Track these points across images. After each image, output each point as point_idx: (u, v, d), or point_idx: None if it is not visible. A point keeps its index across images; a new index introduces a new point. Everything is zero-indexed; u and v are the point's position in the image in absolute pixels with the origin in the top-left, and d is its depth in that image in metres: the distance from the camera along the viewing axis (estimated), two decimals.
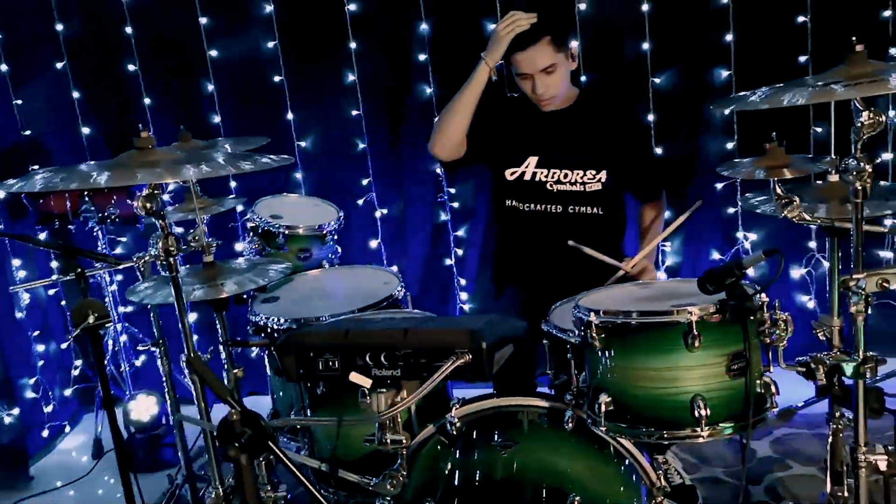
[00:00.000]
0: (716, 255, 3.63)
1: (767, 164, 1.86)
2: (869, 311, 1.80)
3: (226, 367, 2.32)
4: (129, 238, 3.83)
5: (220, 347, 2.31)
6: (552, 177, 2.69)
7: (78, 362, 3.90)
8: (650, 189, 2.84)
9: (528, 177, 2.70)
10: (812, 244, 3.53)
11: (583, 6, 3.41)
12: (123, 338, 3.73)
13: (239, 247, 3.69)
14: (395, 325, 1.69)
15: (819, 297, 3.55)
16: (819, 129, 3.38)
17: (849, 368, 1.76)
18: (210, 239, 2.25)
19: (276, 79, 3.62)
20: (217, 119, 3.69)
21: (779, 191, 1.85)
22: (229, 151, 2.91)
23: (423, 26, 3.51)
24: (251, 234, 3.07)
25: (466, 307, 3.81)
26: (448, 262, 3.78)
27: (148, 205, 1.79)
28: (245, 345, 2.24)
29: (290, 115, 3.66)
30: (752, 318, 1.62)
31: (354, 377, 1.66)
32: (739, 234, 3.58)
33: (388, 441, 1.64)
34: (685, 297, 1.80)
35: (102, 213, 3.42)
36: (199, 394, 1.96)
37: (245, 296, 2.69)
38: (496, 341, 1.64)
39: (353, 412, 1.77)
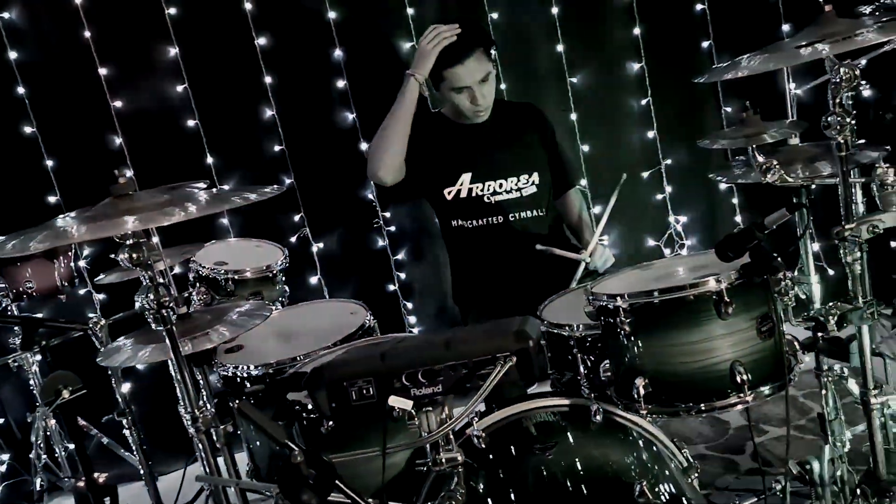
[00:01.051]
0: (651, 242, 3.73)
1: (746, 133, 1.91)
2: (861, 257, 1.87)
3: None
4: (48, 313, 3.53)
5: (202, 403, 2.13)
6: (488, 189, 2.70)
7: (5, 456, 3.54)
8: (560, 183, 2.87)
9: (464, 194, 2.70)
10: (738, 218, 3.69)
11: (495, 15, 3.44)
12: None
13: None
14: (425, 342, 1.61)
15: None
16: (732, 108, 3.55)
17: (857, 315, 1.82)
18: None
19: (191, 123, 3.45)
20: (129, 173, 3.47)
21: (759, 158, 1.91)
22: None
23: (338, 52, 3.44)
24: (196, 284, 2.89)
25: (415, 331, 3.74)
26: (391, 287, 3.70)
27: (134, 255, 1.64)
28: (238, 396, 2.07)
29: (209, 159, 3.49)
30: (774, 277, 1.65)
31: (394, 401, 1.57)
32: (670, 219, 3.69)
33: (444, 461, 1.56)
34: (699, 269, 1.81)
35: (17, 288, 3.14)
36: (207, 453, 1.80)
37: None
38: (538, 338, 1.59)
39: (376, 441, 1.67)
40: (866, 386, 1.94)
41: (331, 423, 1.81)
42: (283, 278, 3.04)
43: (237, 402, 1.38)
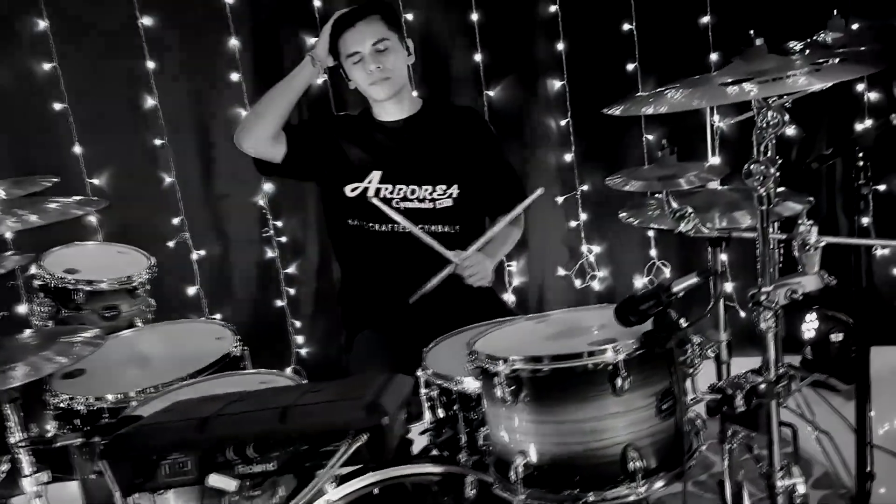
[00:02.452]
0: (561, 272, 3.51)
1: (660, 175, 1.69)
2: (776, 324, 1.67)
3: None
4: None
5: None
6: (398, 193, 2.41)
7: None
8: (503, 202, 2.58)
9: (371, 193, 2.40)
10: (653, 252, 3.51)
11: (410, 16, 3.17)
12: None
13: (24, 310, 3.07)
14: (263, 405, 1.32)
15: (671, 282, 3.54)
16: (651, 137, 3.37)
17: (767, 391, 1.61)
18: None
19: (58, 106, 3.06)
20: None
21: (674, 204, 1.68)
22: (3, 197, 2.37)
23: (234, 42, 3.11)
24: (40, 294, 2.53)
25: (303, 351, 3.43)
26: (279, 303, 3.38)
27: None
28: (48, 443, 1.74)
29: (77, 149, 3.11)
30: (679, 349, 1.42)
31: (216, 480, 1.27)
32: (584, 248, 3.49)
33: None
34: (596, 332, 1.57)
35: None
36: None
37: None
38: (396, 411, 1.32)
39: None
40: (772, 465, 1.74)
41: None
42: (148, 289, 2.70)
43: None
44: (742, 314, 3.21)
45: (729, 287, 3.39)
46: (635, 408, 1.44)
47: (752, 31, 1.51)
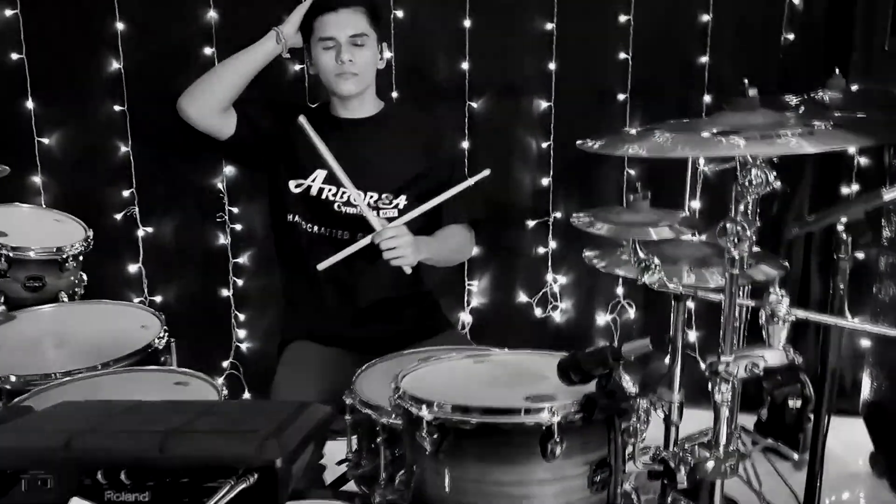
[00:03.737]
0: (523, 298, 3.37)
1: (629, 221, 1.55)
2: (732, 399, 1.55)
3: None
4: None
5: None
6: (340, 197, 2.27)
7: None
8: (457, 212, 2.42)
9: (314, 192, 2.27)
10: (619, 290, 3.38)
11: (400, 13, 3.02)
12: None
13: None
14: (147, 425, 1.16)
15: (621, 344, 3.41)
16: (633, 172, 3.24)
17: (713, 469, 1.49)
18: None
19: (15, 56, 2.88)
20: None
21: (640, 254, 1.55)
22: None
23: (211, 14, 2.95)
24: None
25: (244, 346, 3.27)
26: (225, 293, 3.21)
27: None
28: None
29: (30, 104, 2.92)
30: (622, 419, 1.29)
31: None
32: (549, 277, 3.35)
33: None
34: (536, 383, 1.44)
35: None
36: None
37: None
38: (294, 449, 1.17)
39: None
40: None
41: None
42: (80, 263, 2.54)
43: None
44: (702, 365, 3.09)
45: (692, 336, 3.28)
46: (565, 476, 1.31)
47: (745, 80, 1.38)
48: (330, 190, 2.25)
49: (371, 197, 2.26)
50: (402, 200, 2.26)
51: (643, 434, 1.45)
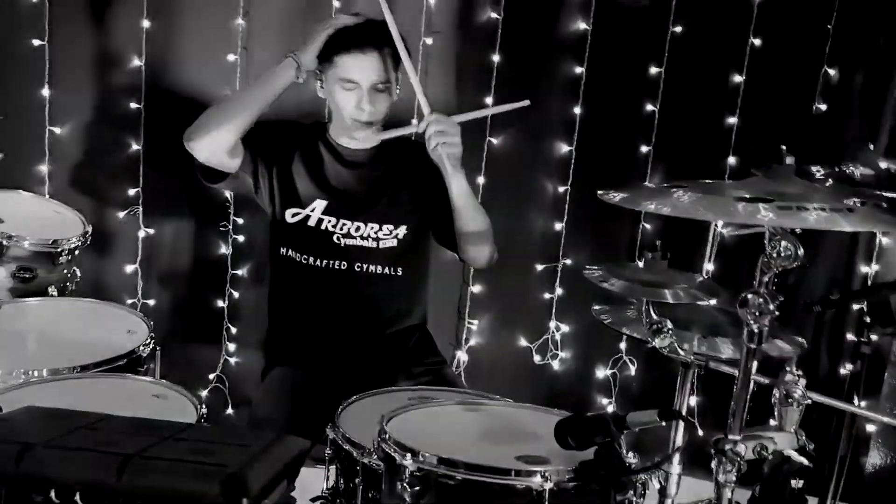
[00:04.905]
0: (523, 342, 3.29)
1: (644, 280, 1.48)
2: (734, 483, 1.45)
3: None
4: None
5: None
6: (341, 228, 2.19)
7: None
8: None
9: (312, 223, 2.19)
10: (622, 345, 3.29)
11: (429, 41, 2.98)
12: None
13: None
14: (108, 446, 1.08)
15: (619, 401, 3.31)
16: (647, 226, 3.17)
17: None
18: None
19: (36, 43, 2.84)
20: None
21: (653, 316, 1.47)
22: None
23: (240, 21, 2.91)
24: None
25: (233, 360, 3.18)
26: (220, 304, 3.13)
27: None
28: None
29: (45, 91, 2.88)
30: (619, 493, 1.20)
31: None
32: (551, 324, 3.27)
33: None
34: (530, 443, 1.35)
35: None
36: None
37: None
38: (264, 487, 1.08)
39: None
40: None
41: None
42: (73, 259, 2.47)
43: None
44: (701, 432, 2.99)
45: (692, 400, 3.18)
46: None
47: (783, 147, 1.31)
48: (330, 221, 2.17)
49: (371, 228, 2.19)
50: (401, 230, 2.19)
51: None
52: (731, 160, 3.09)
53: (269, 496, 1.12)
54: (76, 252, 2.48)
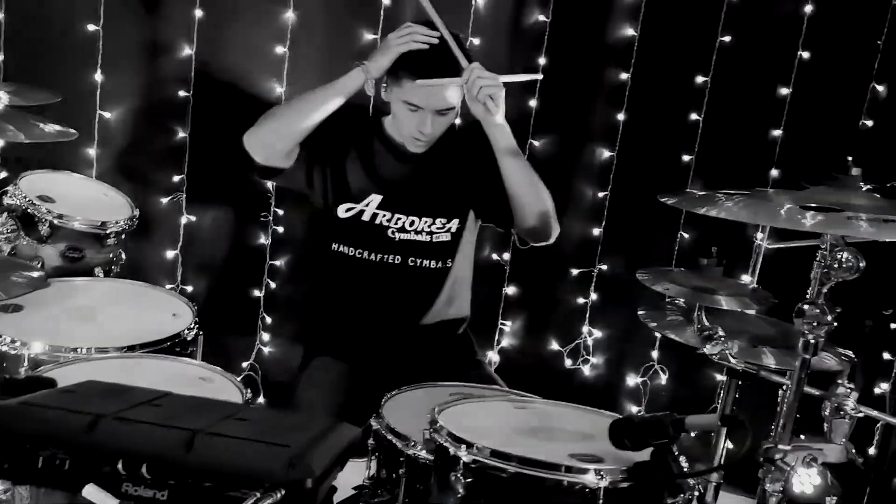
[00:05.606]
0: (555, 346, 3.29)
1: (697, 285, 1.48)
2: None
3: None
4: None
5: None
6: (396, 222, 2.20)
7: None
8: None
9: (366, 217, 2.19)
10: (654, 354, 3.28)
11: (476, 41, 2.99)
12: None
13: None
14: (174, 421, 1.10)
15: (648, 411, 3.30)
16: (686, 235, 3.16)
17: None
18: None
19: (91, 27, 2.88)
20: None
21: (705, 321, 1.47)
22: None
23: (288, 14, 2.94)
24: (5, 213, 2.33)
25: (266, 350, 3.21)
26: (256, 293, 3.16)
27: None
28: None
29: (98, 75, 2.92)
30: (673, 496, 1.20)
31: (91, 492, 1.05)
32: (584, 329, 3.27)
33: None
34: (581, 441, 1.36)
35: None
36: None
37: None
38: (326, 470, 1.10)
39: None
40: None
41: None
42: (121, 240, 2.51)
43: None
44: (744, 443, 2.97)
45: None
46: None
47: (850, 158, 1.31)
48: (385, 215, 2.18)
49: (425, 222, 2.19)
50: (454, 224, 2.20)
51: None
52: (774, 172, 3.07)
53: (327, 480, 1.13)
54: (122, 235, 2.52)
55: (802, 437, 1.45)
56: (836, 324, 1.33)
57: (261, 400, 3.19)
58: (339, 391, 2.05)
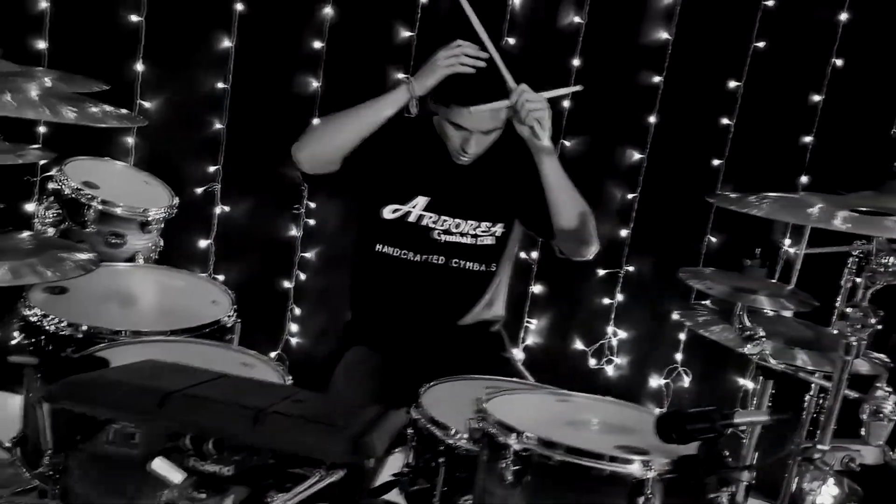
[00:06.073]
0: (579, 345, 3.32)
1: (740, 286, 1.50)
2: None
3: None
4: None
5: None
6: (441, 224, 2.20)
7: None
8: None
9: (412, 218, 2.18)
10: (678, 356, 3.31)
11: (512, 40, 3.02)
12: None
13: (31, 208, 2.92)
14: (239, 399, 1.14)
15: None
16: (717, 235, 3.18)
17: None
18: None
19: (134, 18, 2.93)
20: (42, 45, 2.94)
21: (746, 322, 1.50)
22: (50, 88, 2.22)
23: (327, 10, 2.98)
24: (50, 197, 2.38)
25: (294, 340, 3.25)
26: (286, 284, 3.21)
27: None
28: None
29: (139, 66, 2.97)
30: (718, 490, 1.23)
31: (160, 465, 1.09)
32: (609, 329, 3.29)
33: None
34: (625, 434, 1.39)
35: None
36: None
37: None
38: (385, 451, 1.13)
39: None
40: None
41: None
42: (161, 228, 2.55)
43: None
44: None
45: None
46: None
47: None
48: (431, 217, 2.18)
49: (471, 225, 2.20)
50: (499, 228, 2.20)
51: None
52: (804, 179, 3.09)
53: (384, 462, 1.17)
54: (162, 223, 2.56)
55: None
56: (879, 326, 1.35)
57: None
58: (374, 381, 2.08)
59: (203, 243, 3.14)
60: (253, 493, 1.10)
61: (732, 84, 3.07)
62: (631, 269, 3.25)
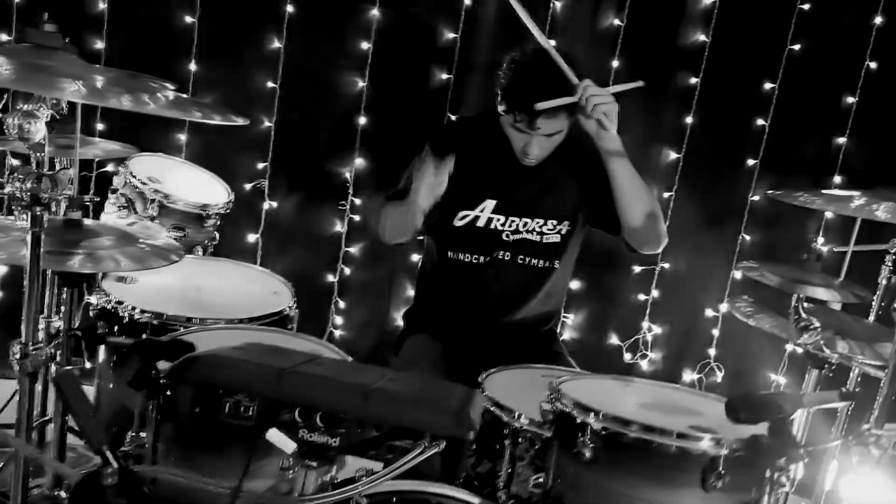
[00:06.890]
0: (614, 340, 3.40)
1: (797, 278, 1.58)
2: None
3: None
4: None
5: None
6: (510, 225, 2.23)
7: None
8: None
9: (481, 223, 2.21)
10: (712, 351, 3.38)
11: (553, 42, 3.09)
12: None
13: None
14: (344, 377, 1.23)
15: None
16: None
17: None
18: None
19: (188, 20, 3.03)
20: (100, 45, 3.03)
21: (802, 313, 1.57)
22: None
23: (373, 12, 3.07)
24: (118, 192, 2.47)
25: (338, 333, 3.35)
26: (330, 278, 3.30)
27: (27, 125, 1.23)
28: (98, 341, 1.66)
29: (192, 65, 3.07)
30: (785, 469, 1.31)
31: (274, 435, 1.18)
32: (644, 324, 3.37)
33: None
34: (693, 416, 1.47)
35: None
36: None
37: None
38: (478, 427, 1.22)
39: (232, 472, 1.27)
40: None
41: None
42: (217, 223, 2.64)
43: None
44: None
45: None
46: None
47: None
48: (499, 220, 2.21)
49: (538, 223, 2.23)
50: (564, 226, 2.23)
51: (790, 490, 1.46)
52: (837, 179, 3.16)
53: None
54: (219, 218, 2.65)
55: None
56: None
57: None
58: (437, 367, 2.16)
59: (252, 238, 3.23)
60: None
61: (768, 85, 3.14)
62: (666, 266, 3.33)
